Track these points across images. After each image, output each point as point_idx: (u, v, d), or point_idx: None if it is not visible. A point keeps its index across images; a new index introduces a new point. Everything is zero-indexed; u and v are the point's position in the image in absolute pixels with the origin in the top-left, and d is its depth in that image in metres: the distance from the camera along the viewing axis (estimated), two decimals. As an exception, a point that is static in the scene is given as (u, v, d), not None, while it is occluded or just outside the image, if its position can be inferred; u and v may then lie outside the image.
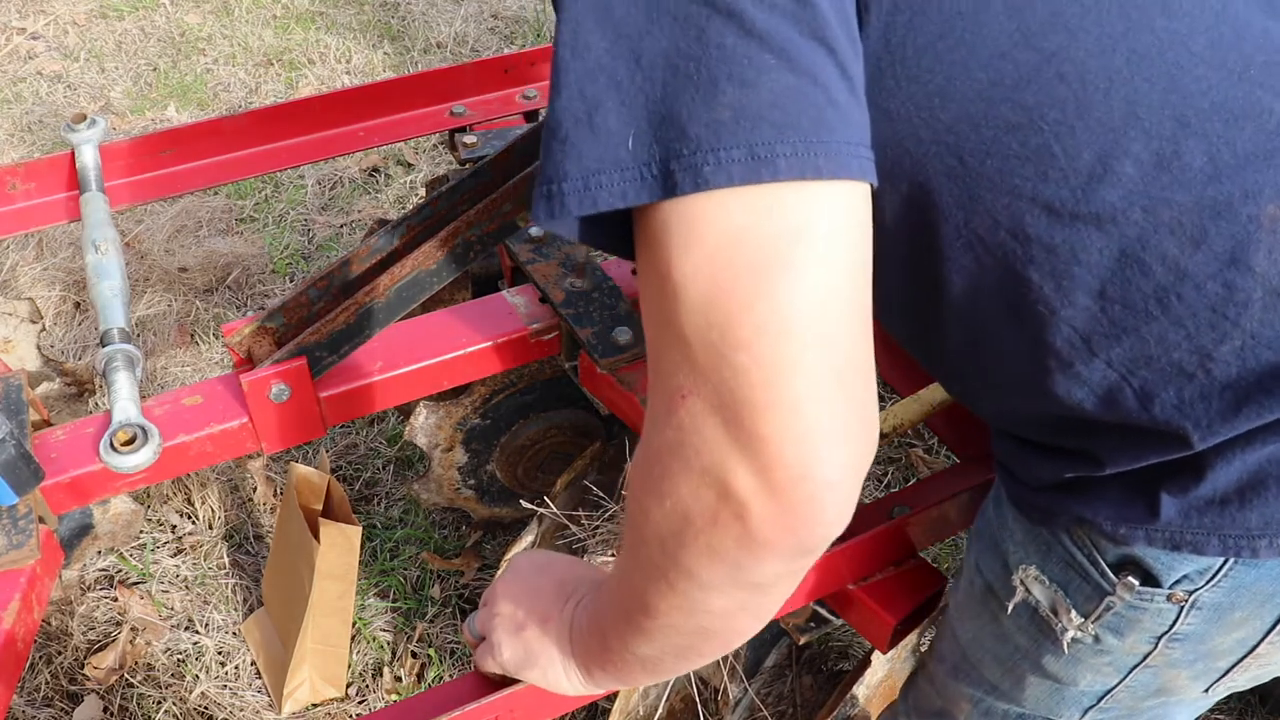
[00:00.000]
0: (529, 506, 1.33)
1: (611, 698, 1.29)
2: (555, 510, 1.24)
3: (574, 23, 0.60)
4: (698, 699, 1.32)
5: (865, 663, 1.25)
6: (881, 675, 1.29)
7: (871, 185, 0.61)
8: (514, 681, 0.93)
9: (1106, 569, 0.82)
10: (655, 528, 0.65)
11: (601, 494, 1.23)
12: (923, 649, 1.38)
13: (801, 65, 0.58)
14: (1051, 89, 0.66)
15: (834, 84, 0.60)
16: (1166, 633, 0.82)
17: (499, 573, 0.98)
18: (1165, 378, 0.71)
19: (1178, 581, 0.79)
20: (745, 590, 0.66)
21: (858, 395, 0.60)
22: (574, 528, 1.23)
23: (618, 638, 0.77)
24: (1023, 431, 0.85)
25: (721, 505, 0.60)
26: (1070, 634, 0.87)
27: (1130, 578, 0.80)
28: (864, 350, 0.60)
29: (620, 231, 0.64)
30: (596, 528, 1.21)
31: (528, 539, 1.27)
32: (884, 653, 1.21)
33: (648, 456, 0.65)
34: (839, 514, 0.61)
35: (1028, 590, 0.89)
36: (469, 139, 1.65)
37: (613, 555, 1.17)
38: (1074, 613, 0.86)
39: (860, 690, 1.26)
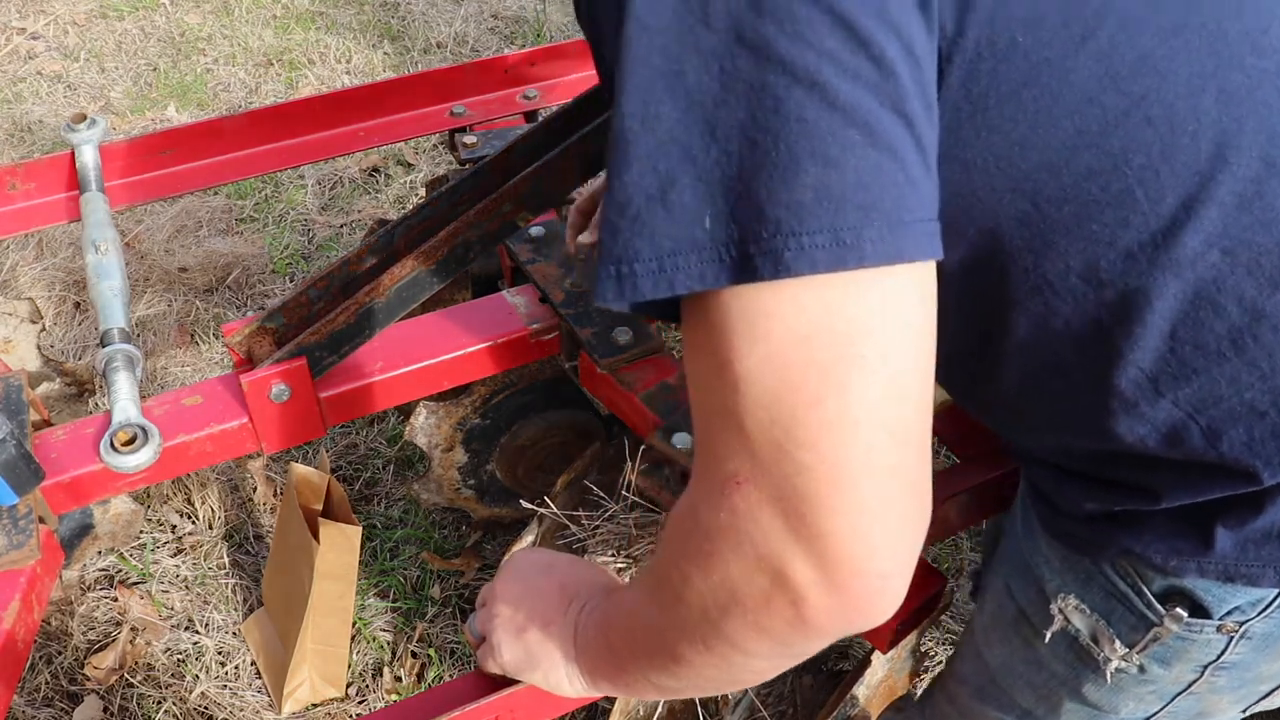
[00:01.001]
0: (529, 506, 1.33)
1: (612, 698, 1.29)
2: (555, 510, 1.24)
3: (642, 90, 0.57)
4: (698, 699, 1.32)
5: (865, 663, 1.25)
6: (881, 675, 1.29)
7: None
8: (515, 681, 0.93)
9: (1153, 600, 0.81)
10: (698, 595, 0.64)
11: (601, 494, 1.23)
12: (924, 650, 1.38)
13: (883, 140, 0.56)
14: (1138, 133, 0.64)
15: (911, 159, 0.57)
16: (1214, 662, 0.82)
17: (499, 570, 0.97)
18: (1235, 417, 0.70)
19: (1229, 613, 0.78)
20: (785, 658, 0.67)
21: (918, 481, 0.59)
22: (574, 528, 1.23)
23: (635, 666, 0.77)
24: (1072, 464, 0.83)
25: (776, 591, 0.60)
26: (1114, 664, 0.86)
27: (1179, 609, 0.79)
28: (925, 432, 0.59)
29: (670, 303, 0.62)
30: (596, 528, 1.21)
31: (528, 539, 1.27)
32: (884, 653, 1.21)
33: (693, 529, 0.63)
34: (895, 600, 0.60)
35: (1067, 619, 0.88)
36: (469, 139, 1.65)
37: (613, 555, 1.17)
38: (1118, 643, 0.85)
39: (860, 690, 1.26)
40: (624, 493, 1.19)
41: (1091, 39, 0.63)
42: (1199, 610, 0.79)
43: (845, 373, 0.55)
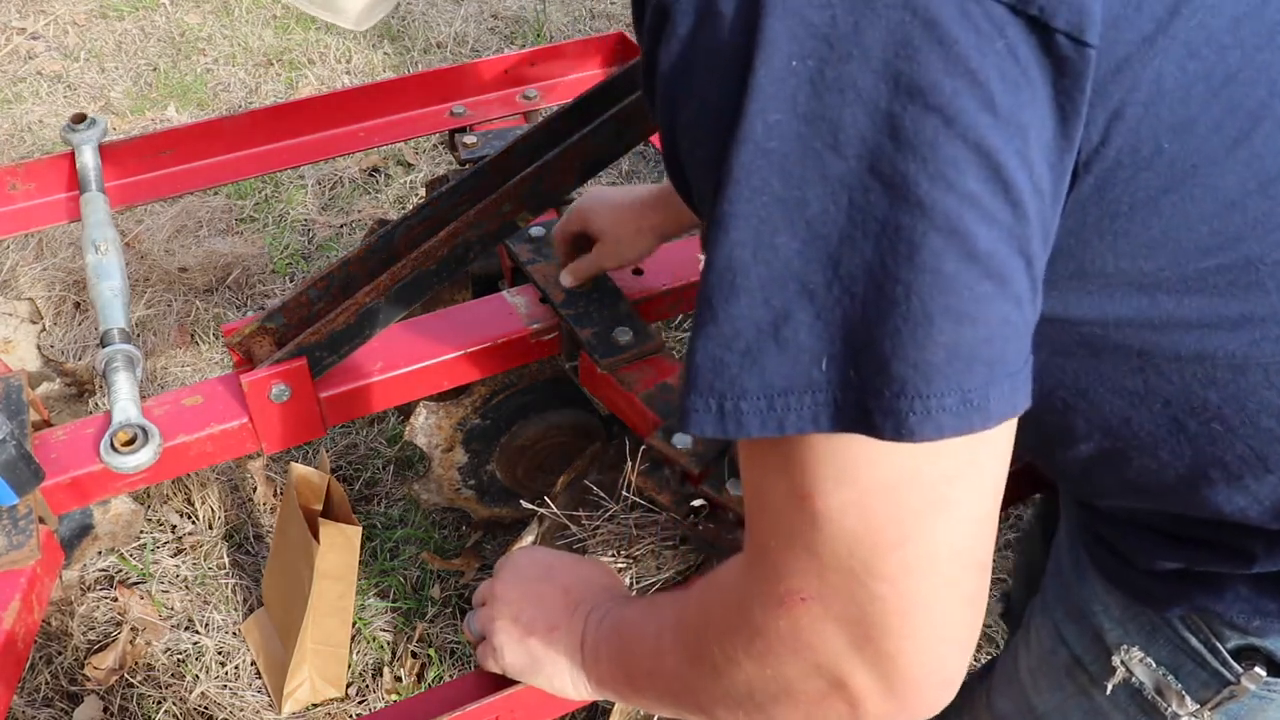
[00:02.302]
0: (529, 506, 1.33)
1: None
2: (555, 510, 1.24)
3: (756, 219, 0.52)
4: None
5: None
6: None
7: None
8: (515, 681, 0.93)
9: (1228, 657, 0.78)
10: (746, 679, 0.64)
11: (601, 494, 1.23)
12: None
13: (1011, 289, 0.52)
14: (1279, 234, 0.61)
15: (1026, 300, 0.54)
16: None
17: (497, 565, 0.97)
18: None
19: None
20: None
21: (982, 594, 0.59)
22: (574, 528, 1.23)
23: (654, 696, 0.77)
24: (1151, 521, 0.79)
25: (833, 693, 0.60)
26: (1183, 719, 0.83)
27: (1258, 668, 0.76)
28: (990, 553, 0.58)
29: None
30: (596, 528, 1.21)
31: (528, 539, 1.27)
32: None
33: (744, 624, 0.63)
34: (948, 700, 0.61)
35: (1130, 671, 0.85)
36: (469, 139, 1.65)
37: (613, 556, 1.17)
38: (1188, 699, 0.82)
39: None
40: (624, 493, 1.19)
41: (1245, 143, 0.58)
42: (1277, 669, 0.76)
43: (931, 519, 0.54)
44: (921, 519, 0.54)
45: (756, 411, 0.54)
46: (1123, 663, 0.85)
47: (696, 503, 1.14)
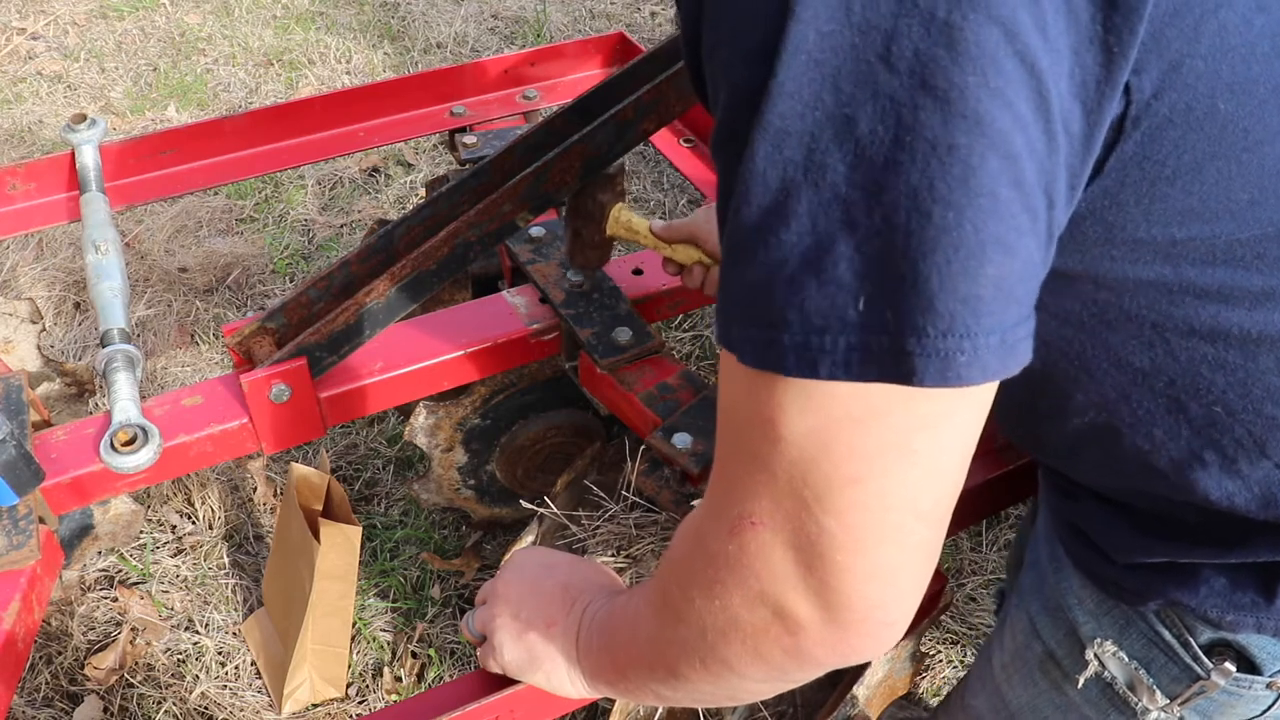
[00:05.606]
0: (529, 506, 1.33)
1: (612, 699, 1.29)
2: (555, 510, 1.24)
3: (809, 136, 0.48)
4: (698, 699, 1.31)
5: (865, 662, 1.25)
6: (881, 675, 1.29)
7: None
8: (515, 681, 0.93)
9: (1200, 652, 0.77)
10: (698, 616, 0.64)
11: (601, 494, 1.23)
12: (923, 650, 1.37)
13: (1038, 226, 0.50)
14: None
15: (1043, 243, 0.51)
16: (1256, 717, 0.80)
17: (500, 569, 0.97)
18: None
19: None
20: (780, 682, 0.66)
21: (934, 549, 0.58)
22: (574, 528, 1.23)
23: (635, 674, 0.77)
24: (1134, 504, 0.77)
25: (775, 622, 0.59)
26: (1154, 714, 0.83)
27: (1228, 664, 0.76)
28: (952, 506, 0.57)
29: None
30: (596, 528, 1.21)
31: (528, 539, 1.27)
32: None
33: (698, 553, 0.63)
34: (893, 640, 0.60)
35: (1102, 665, 0.84)
36: (469, 139, 1.65)
37: (613, 556, 1.17)
38: (1159, 694, 0.81)
39: (860, 690, 1.26)
40: (624, 493, 1.19)
41: None
42: (1247, 665, 0.76)
43: (892, 462, 0.52)
44: (881, 460, 0.52)
45: (794, 349, 0.51)
46: (1096, 656, 0.85)
47: (696, 503, 1.14)
